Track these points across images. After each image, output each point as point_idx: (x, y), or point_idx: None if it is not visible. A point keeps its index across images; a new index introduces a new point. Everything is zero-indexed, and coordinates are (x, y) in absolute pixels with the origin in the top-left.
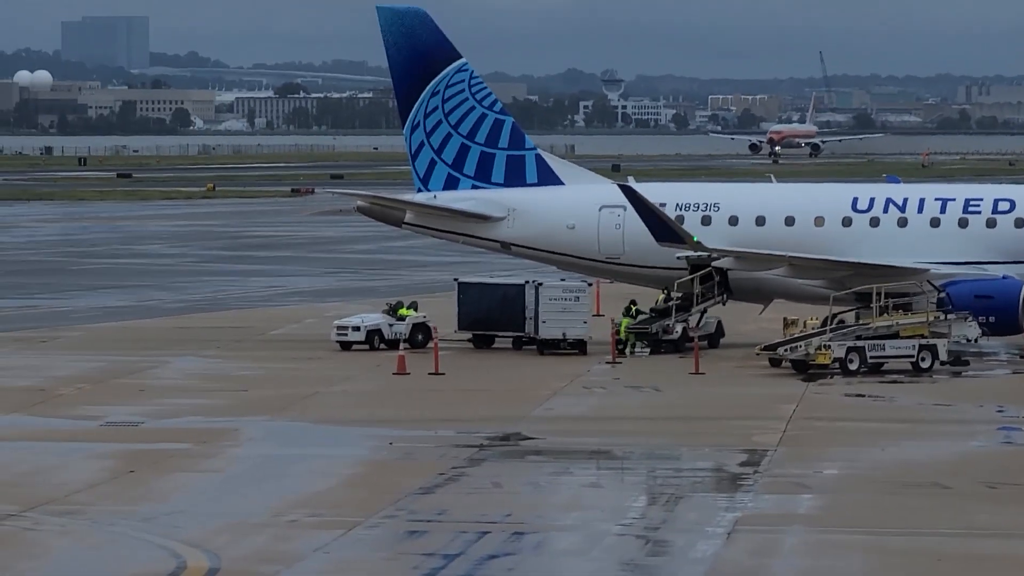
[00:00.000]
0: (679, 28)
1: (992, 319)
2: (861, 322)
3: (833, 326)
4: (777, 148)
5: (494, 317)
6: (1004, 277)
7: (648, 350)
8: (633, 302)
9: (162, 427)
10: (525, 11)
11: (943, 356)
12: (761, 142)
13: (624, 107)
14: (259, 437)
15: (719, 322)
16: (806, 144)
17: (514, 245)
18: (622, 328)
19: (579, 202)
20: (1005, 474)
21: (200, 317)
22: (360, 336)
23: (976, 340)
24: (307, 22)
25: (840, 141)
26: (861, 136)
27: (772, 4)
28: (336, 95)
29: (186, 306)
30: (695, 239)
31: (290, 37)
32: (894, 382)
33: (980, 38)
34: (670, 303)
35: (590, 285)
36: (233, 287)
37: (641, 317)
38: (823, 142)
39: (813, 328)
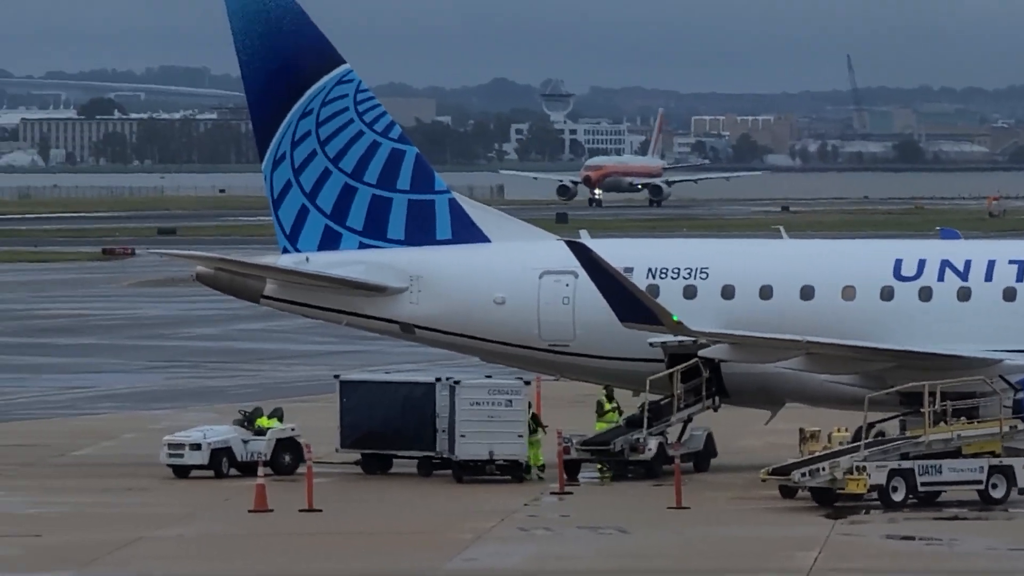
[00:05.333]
0: (649, 26)
1: None
2: (908, 434)
3: (869, 440)
4: (597, 191)
5: (392, 430)
6: None
7: (610, 475)
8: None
9: None
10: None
11: (1023, 482)
12: (575, 183)
13: (573, 132)
14: None
15: (709, 435)
16: (642, 185)
17: (419, 327)
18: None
19: (511, 266)
20: None
21: None
22: (202, 458)
23: None
24: (123, 16)
25: (697, 183)
26: (728, 176)
27: None
28: (165, 116)
29: None
30: (675, 318)
31: (100, 36)
32: (955, 518)
33: None
34: (622, 410)
35: (528, 384)
36: (20, 388)
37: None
38: (669, 183)
39: (841, 443)
